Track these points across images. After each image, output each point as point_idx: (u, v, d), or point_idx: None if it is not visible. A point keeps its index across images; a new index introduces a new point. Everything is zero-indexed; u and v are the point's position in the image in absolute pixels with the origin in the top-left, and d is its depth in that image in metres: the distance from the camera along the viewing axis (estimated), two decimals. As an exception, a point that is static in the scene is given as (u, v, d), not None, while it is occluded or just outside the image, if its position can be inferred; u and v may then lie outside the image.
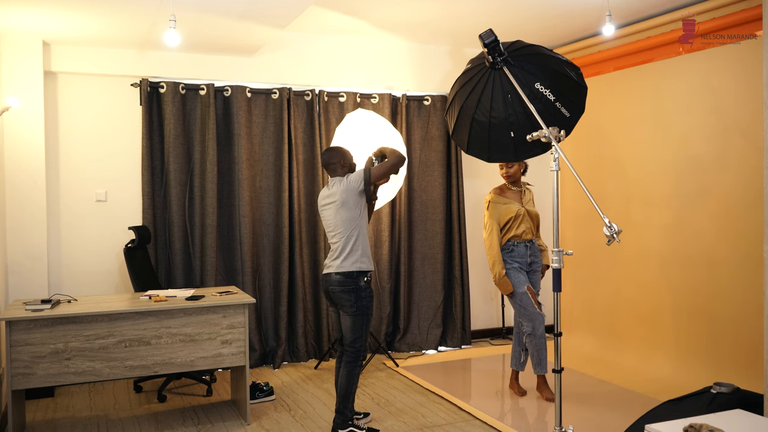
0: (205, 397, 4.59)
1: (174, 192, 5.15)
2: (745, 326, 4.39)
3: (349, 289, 3.64)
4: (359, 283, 3.65)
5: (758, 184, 4.14)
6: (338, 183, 3.69)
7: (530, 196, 4.53)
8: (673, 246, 4.96)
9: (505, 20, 5.07)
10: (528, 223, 4.41)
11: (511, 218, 4.35)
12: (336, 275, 3.66)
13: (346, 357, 3.72)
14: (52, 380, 3.72)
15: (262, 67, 5.42)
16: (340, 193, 3.64)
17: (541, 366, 4.36)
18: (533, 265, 4.46)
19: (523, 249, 4.39)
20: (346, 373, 3.72)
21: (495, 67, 3.24)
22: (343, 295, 3.65)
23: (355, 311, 3.66)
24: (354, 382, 3.73)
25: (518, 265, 4.37)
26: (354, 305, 3.65)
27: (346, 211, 3.64)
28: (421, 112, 5.91)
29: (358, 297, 3.65)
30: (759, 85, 4.01)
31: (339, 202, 3.64)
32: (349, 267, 3.64)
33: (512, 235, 4.36)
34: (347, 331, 3.70)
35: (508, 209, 4.37)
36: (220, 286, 5.17)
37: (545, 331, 4.36)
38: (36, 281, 4.70)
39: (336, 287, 3.66)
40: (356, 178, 3.64)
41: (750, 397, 3.15)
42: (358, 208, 3.67)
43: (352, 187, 3.63)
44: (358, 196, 3.65)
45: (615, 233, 2.55)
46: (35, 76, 4.71)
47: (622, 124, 5.46)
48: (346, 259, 3.64)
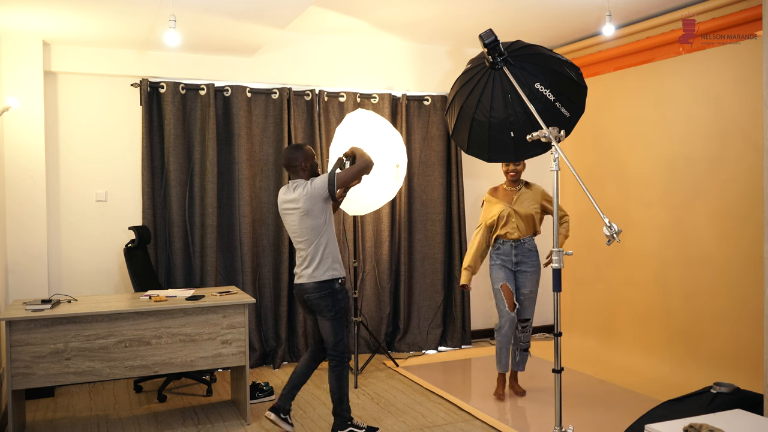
0: (205, 397, 4.59)
1: (174, 192, 5.15)
2: (745, 326, 4.39)
3: (325, 294, 3.60)
4: (334, 286, 3.61)
5: (758, 184, 4.14)
6: (301, 188, 3.55)
7: (530, 196, 4.49)
8: (673, 246, 4.96)
9: (505, 20, 5.07)
10: (515, 224, 4.43)
11: (494, 218, 4.45)
12: (310, 284, 3.60)
13: (331, 362, 3.70)
14: (52, 380, 3.72)
15: (262, 67, 5.42)
16: (304, 200, 3.51)
17: (499, 364, 4.53)
18: (520, 265, 4.47)
19: (508, 248, 4.45)
20: (334, 377, 3.70)
21: (495, 67, 3.23)
22: (320, 301, 3.61)
23: (334, 315, 3.62)
24: (345, 384, 3.71)
25: (501, 262, 4.47)
26: (332, 309, 3.61)
27: (312, 220, 3.53)
28: (421, 112, 5.91)
29: (335, 300, 3.62)
30: (759, 85, 4.01)
31: (303, 209, 3.52)
32: (322, 276, 3.58)
33: (497, 234, 4.48)
34: (328, 336, 3.66)
35: (489, 210, 4.51)
36: (220, 286, 5.17)
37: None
38: (36, 281, 4.70)
39: (312, 294, 3.60)
40: (321, 185, 3.50)
41: (750, 397, 3.15)
42: (324, 214, 3.56)
43: (317, 194, 3.50)
44: (323, 203, 3.53)
45: (615, 233, 2.55)
46: (35, 76, 4.71)
47: (622, 124, 5.46)
48: (317, 268, 3.58)
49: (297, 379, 3.80)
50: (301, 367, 3.82)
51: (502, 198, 4.50)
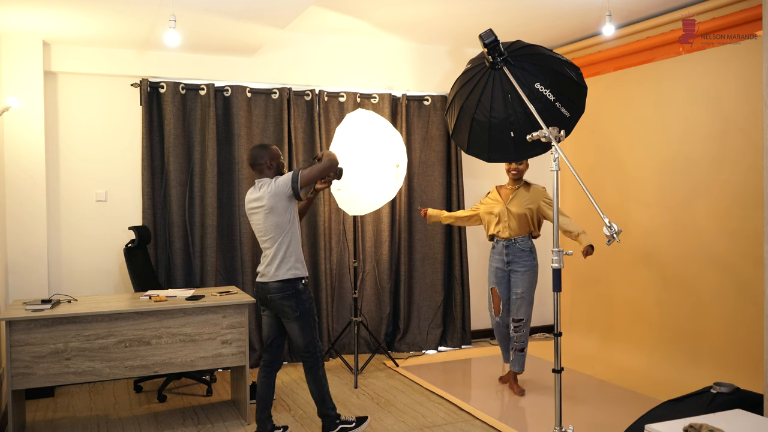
0: (205, 397, 4.59)
1: (174, 192, 5.15)
2: (744, 326, 4.39)
3: (288, 295, 3.57)
4: (297, 286, 3.58)
5: (758, 184, 4.14)
6: (266, 186, 3.56)
7: (527, 196, 4.49)
8: (673, 246, 4.96)
9: (506, 20, 5.07)
10: (507, 223, 4.48)
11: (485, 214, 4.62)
12: (273, 284, 3.57)
13: (306, 363, 3.68)
14: (52, 380, 3.73)
15: (262, 67, 5.42)
16: (268, 197, 3.52)
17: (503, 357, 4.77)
18: (512, 264, 4.50)
19: (501, 248, 4.56)
20: (312, 379, 3.68)
21: (495, 67, 3.23)
22: (283, 302, 3.58)
23: (299, 315, 3.59)
24: (323, 384, 3.69)
25: (495, 262, 4.61)
26: (297, 310, 3.58)
27: (276, 217, 3.53)
28: (421, 112, 5.91)
29: (299, 301, 3.59)
30: (759, 85, 4.01)
31: (267, 207, 3.52)
32: (284, 275, 3.56)
33: (491, 233, 4.62)
34: (297, 338, 3.63)
35: (486, 203, 4.68)
36: (220, 286, 5.17)
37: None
38: (36, 281, 4.71)
39: (275, 294, 3.58)
40: (284, 182, 3.52)
41: (750, 397, 3.15)
42: (289, 213, 3.56)
43: (281, 191, 3.51)
44: (287, 201, 3.54)
45: (615, 233, 2.55)
46: (35, 76, 4.71)
47: (622, 124, 5.46)
48: (279, 267, 3.56)
49: (264, 401, 3.72)
50: (261, 387, 3.73)
51: (502, 196, 4.59)
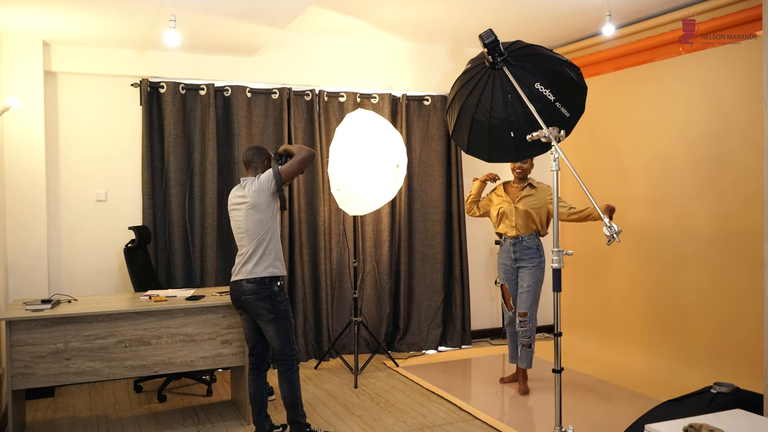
0: (205, 397, 4.59)
1: (174, 192, 5.15)
2: (744, 326, 4.39)
3: (263, 296, 3.52)
4: (272, 288, 3.53)
5: (758, 184, 4.14)
6: (250, 183, 3.58)
7: (534, 195, 4.52)
8: (673, 246, 4.96)
9: (506, 20, 5.07)
10: (514, 221, 4.52)
11: (494, 212, 4.66)
12: (247, 283, 3.52)
13: (280, 366, 3.61)
14: (52, 380, 3.72)
15: (262, 67, 5.42)
16: (252, 193, 3.53)
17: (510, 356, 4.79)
18: (519, 262, 4.56)
19: (508, 245, 4.63)
20: (285, 382, 3.60)
21: (495, 67, 3.23)
22: (258, 303, 3.52)
23: (274, 317, 3.54)
24: (297, 388, 3.63)
25: (503, 260, 4.68)
26: (272, 311, 3.53)
27: (258, 213, 3.52)
28: (421, 112, 5.91)
29: (275, 302, 3.54)
30: (759, 85, 4.00)
31: (250, 203, 3.52)
32: (261, 273, 3.51)
33: (498, 230, 4.70)
34: (273, 340, 3.58)
35: (488, 201, 4.74)
36: (220, 286, 5.16)
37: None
38: (36, 281, 4.70)
39: (250, 296, 3.52)
40: (267, 179, 3.53)
41: (750, 397, 3.15)
42: (270, 209, 3.55)
43: (263, 187, 3.52)
44: (270, 197, 3.54)
45: (615, 233, 2.55)
46: (35, 76, 4.71)
47: (622, 124, 5.46)
48: (257, 264, 3.52)
49: (258, 402, 3.70)
50: (252, 389, 3.70)
51: (510, 194, 4.64)
